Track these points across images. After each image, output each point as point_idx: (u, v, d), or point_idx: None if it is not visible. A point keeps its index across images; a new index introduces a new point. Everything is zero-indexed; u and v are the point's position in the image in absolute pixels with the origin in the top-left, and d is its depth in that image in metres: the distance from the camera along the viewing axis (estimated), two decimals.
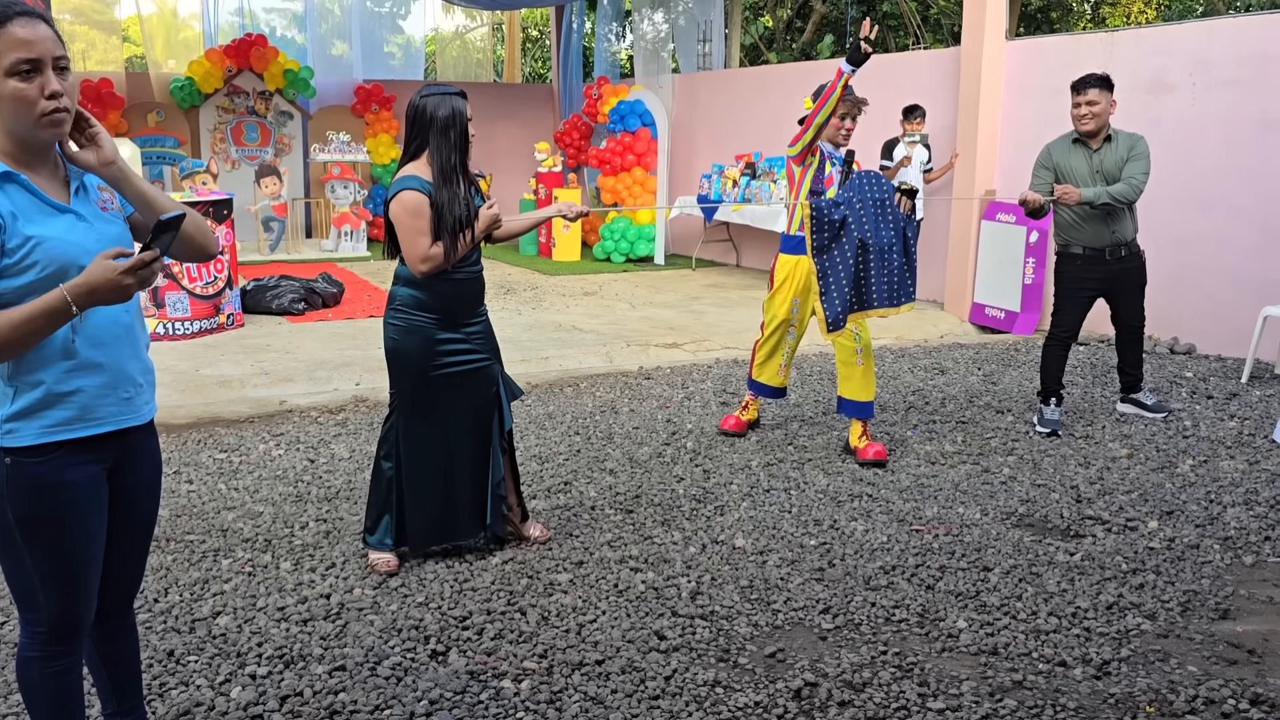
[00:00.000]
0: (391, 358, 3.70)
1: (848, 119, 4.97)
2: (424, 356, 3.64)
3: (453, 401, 3.71)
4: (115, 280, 1.90)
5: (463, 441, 3.77)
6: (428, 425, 3.71)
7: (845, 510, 4.38)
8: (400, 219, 3.54)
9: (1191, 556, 3.92)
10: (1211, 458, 5.11)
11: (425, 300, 3.62)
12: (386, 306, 3.71)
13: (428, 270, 3.55)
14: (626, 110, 12.31)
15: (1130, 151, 5.34)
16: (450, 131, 3.55)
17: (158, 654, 3.13)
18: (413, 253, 3.53)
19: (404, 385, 3.70)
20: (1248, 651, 3.21)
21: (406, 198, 3.53)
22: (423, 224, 3.52)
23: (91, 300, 1.92)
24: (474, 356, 3.73)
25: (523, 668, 3.08)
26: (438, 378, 3.66)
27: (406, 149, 3.64)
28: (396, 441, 3.73)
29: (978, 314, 8.67)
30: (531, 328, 8.06)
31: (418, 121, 3.58)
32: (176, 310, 7.35)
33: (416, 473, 3.74)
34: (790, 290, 5.14)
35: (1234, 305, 7.15)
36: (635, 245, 12.01)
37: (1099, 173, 5.37)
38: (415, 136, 3.60)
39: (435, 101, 3.56)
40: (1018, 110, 8.54)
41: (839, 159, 5.02)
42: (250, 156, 13.25)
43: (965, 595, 3.58)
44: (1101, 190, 5.25)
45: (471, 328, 3.73)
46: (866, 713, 2.85)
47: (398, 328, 3.65)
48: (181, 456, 5.08)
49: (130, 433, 2.21)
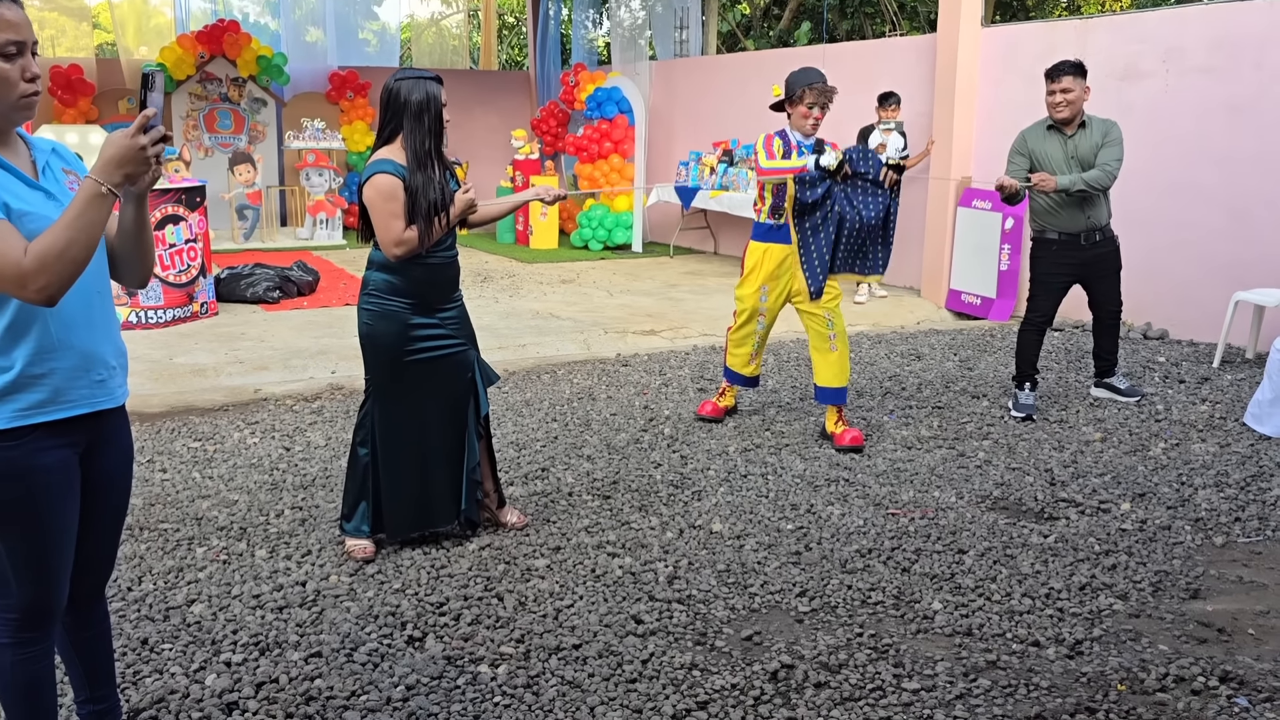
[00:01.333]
0: (366, 343, 3.68)
1: (816, 108, 4.96)
2: (398, 342, 3.62)
3: (428, 387, 3.70)
4: (129, 145, 1.93)
5: (438, 427, 3.75)
6: (403, 411, 3.70)
7: (822, 495, 4.40)
8: (374, 202, 3.51)
9: (1163, 538, 3.97)
10: (1183, 441, 5.16)
11: (399, 285, 3.60)
12: (360, 292, 3.69)
13: (401, 254, 3.53)
14: (604, 97, 12.27)
15: (1105, 138, 5.38)
16: (424, 116, 3.53)
17: (131, 642, 3.11)
18: (386, 236, 3.51)
19: (379, 371, 3.68)
20: (1218, 630, 3.25)
21: (380, 181, 3.50)
22: (396, 207, 3.49)
23: (120, 171, 1.94)
24: (449, 342, 3.71)
25: (500, 652, 3.08)
26: (412, 363, 3.65)
27: (380, 133, 3.62)
28: (372, 428, 3.72)
29: (954, 300, 8.72)
30: (509, 315, 8.04)
31: (391, 105, 3.55)
32: (149, 298, 7.27)
33: (392, 459, 3.72)
34: (759, 277, 5.14)
35: (1206, 290, 7.22)
36: (613, 233, 11.99)
37: (1074, 158, 5.40)
38: (389, 121, 3.57)
39: (409, 86, 3.53)
40: (993, 97, 8.58)
41: (808, 147, 5.02)
42: (224, 144, 13.12)
43: (940, 577, 3.61)
44: (1077, 177, 5.28)
45: (446, 313, 3.71)
46: (843, 694, 2.87)
47: (371, 313, 3.63)
48: (155, 445, 5.03)
49: (102, 416, 2.19)
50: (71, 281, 1.96)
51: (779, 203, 5.03)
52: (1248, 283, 6.83)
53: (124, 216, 2.17)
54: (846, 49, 10.86)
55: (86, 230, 1.94)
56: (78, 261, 1.95)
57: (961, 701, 2.83)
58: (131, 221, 2.17)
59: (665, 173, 12.42)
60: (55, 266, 1.92)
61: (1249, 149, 7.00)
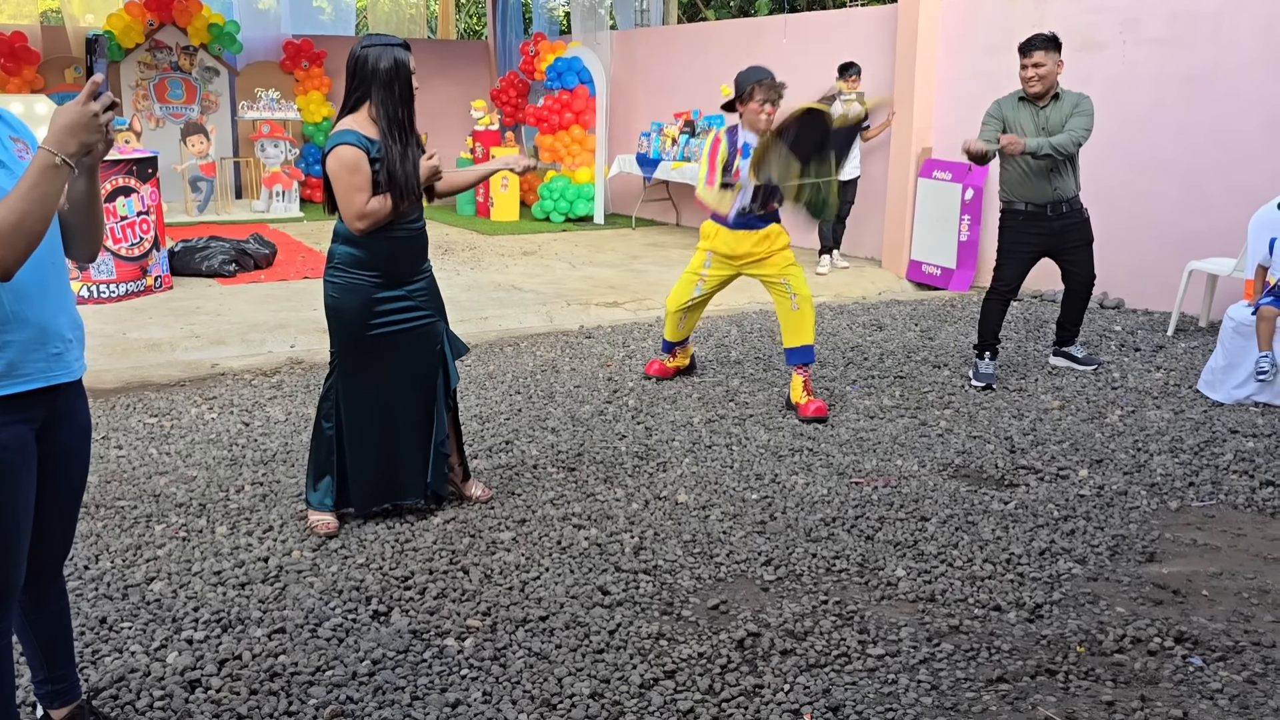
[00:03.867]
0: (331, 316, 3.62)
1: (768, 104, 5.00)
2: (363, 315, 3.57)
3: (395, 360, 3.65)
4: (82, 112, 1.88)
5: (405, 400, 3.71)
6: (369, 384, 3.65)
7: (786, 464, 4.42)
8: (337, 175, 3.44)
9: (1120, 503, 4.04)
10: (1139, 408, 5.25)
11: (364, 258, 3.54)
12: (326, 264, 3.63)
13: (365, 228, 3.47)
14: (564, 67, 12.15)
15: (1075, 108, 5.45)
16: (394, 84, 3.46)
17: (89, 621, 3.06)
18: (349, 210, 3.45)
19: (344, 344, 3.63)
20: (1172, 592, 3.32)
21: (344, 153, 3.43)
22: (360, 180, 3.43)
23: (75, 139, 1.89)
24: (417, 314, 3.67)
25: (466, 625, 3.07)
26: (378, 336, 3.60)
27: (346, 101, 3.54)
28: (337, 401, 3.67)
29: (915, 271, 8.78)
30: (470, 288, 7.97)
31: (358, 73, 3.47)
32: (101, 272, 7.12)
33: (358, 433, 3.68)
34: (707, 243, 5.31)
35: (1161, 261, 7.33)
36: (574, 205, 11.91)
37: (1044, 129, 5.46)
38: (356, 88, 3.49)
39: (377, 53, 3.45)
40: (954, 68, 8.60)
41: (747, 150, 5.02)
42: (175, 114, 12.83)
43: (903, 544, 3.65)
44: (1044, 140, 5.34)
45: (414, 285, 3.66)
46: (808, 660, 2.89)
47: (337, 285, 3.57)
48: (110, 421, 4.94)
49: (59, 391, 2.15)
50: (28, 254, 1.91)
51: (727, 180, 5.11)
52: (1201, 253, 6.94)
53: (75, 189, 2.11)
54: (808, 19, 10.83)
55: (42, 202, 1.89)
56: (33, 234, 1.89)
57: (925, 666, 2.87)
58: (83, 194, 2.11)
59: (627, 144, 12.35)
60: (10, 239, 1.86)
61: (1204, 120, 7.09)
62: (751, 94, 4.96)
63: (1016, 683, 2.80)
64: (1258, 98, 6.79)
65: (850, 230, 9.20)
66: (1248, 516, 3.96)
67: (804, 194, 4.77)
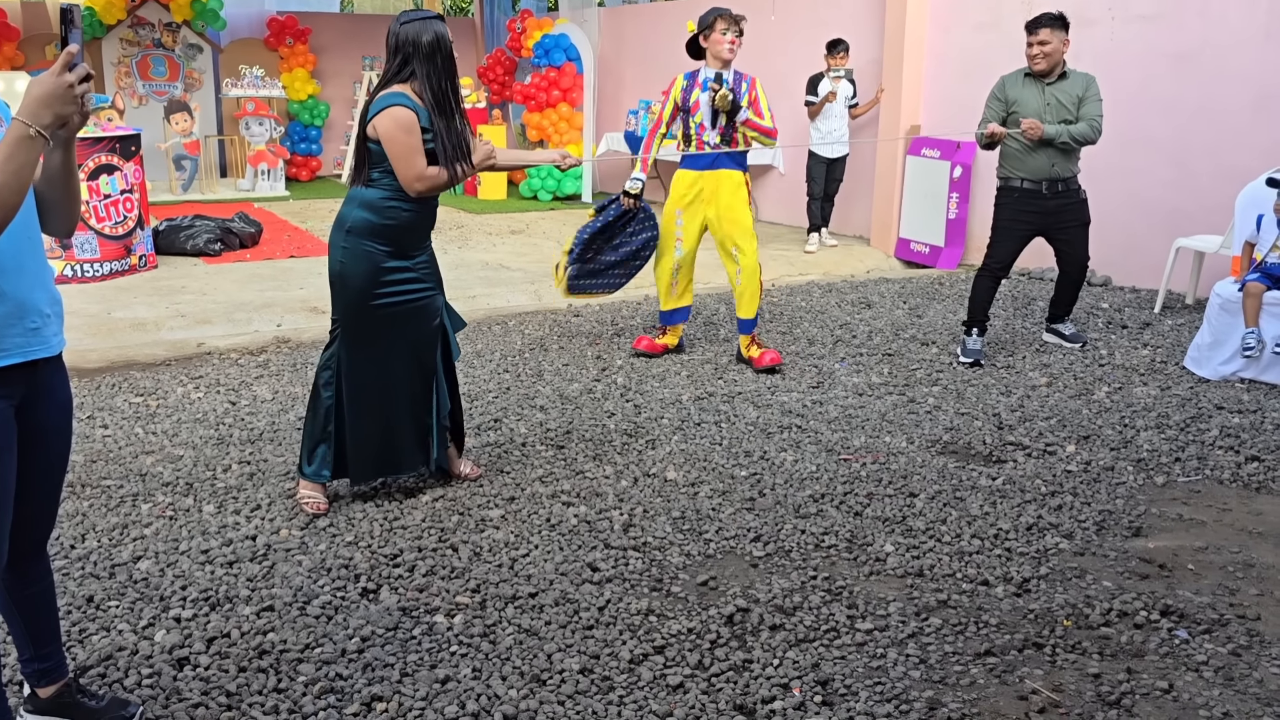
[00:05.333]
0: (336, 283, 3.59)
1: (730, 33, 5.19)
2: (369, 284, 3.55)
3: (397, 331, 3.63)
4: (56, 83, 1.86)
5: (406, 373, 3.70)
6: (371, 354, 3.63)
7: (775, 441, 4.42)
8: (393, 135, 3.41)
9: (1106, 478, 4.06)
10: (1126, 384, 5.27)
11: (379, 228, 3.52)
12: (335, 228, 3.58)
13: (423, 190, 3.48)
14: (551, 44, 12.06)
15: (1085, 91, 5.46)
16: (436, 56, 3.47)
17: (76, 600, 3.04)
18: (410, 170, 3.44)
19: (348, 312, 3.60)
20: (1159, 566, 3.34)
21: (399, 113, 3.41)
22: (416, 141, 3.43)
23: (49, 110, 1.86)
24: (420, 286, 3.66)
25: (456, 603, 3.07)
26: (383, 306, 3.58)
27: (386, 73, 3.53)
28: (338, 369, 3.64)
29: (903, 249, 8.77)
30: (458, 266, 7.94)
31: (401, 49, 3.47)
32: (85, 251, 7.06)
33: (359, 403, 3.65)
34: (674, 202, 5.43)
35: (1148, 237, 7.34)
36: (562, 183, 11.86)
37: (1049, 105, 5.46)
38: (400, 65, 3.48)
39: (418, 28, 3.45)
40: (943, 45, 8.57)
41: (707, 84, 5.27)
42: (158, 92, 12.70)
43: (892, 520, 3.66)
44: (1063, 129, 5.36)
45: (419, 258, 3.66)
46: (797, 635, 2.90)
47: (346, 250, 3.54)
48: (95, 401, 4.91)
49: (38, 366, 2.12)
50: (2, 228, 1.88)
51: (687, 132, 5.40)
52: (1189, 230, 6.95)
53: (51, 161, 2.08)
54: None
55: (16, 174, 1.86)
56: (8, 206, 1.86)
57: (913, 640, 2.88)
58: (59, 167, 2.08)
59: (615, 121, 12.29)
60: None
61: (1192, 98, 7.09)
62: (714, 24, 5.19)
63: (1004, 656, 2.81)
64: (1246, 75, 6.79)
65: (839, 208, 9.19)
66: (1233, 491, 3.98)
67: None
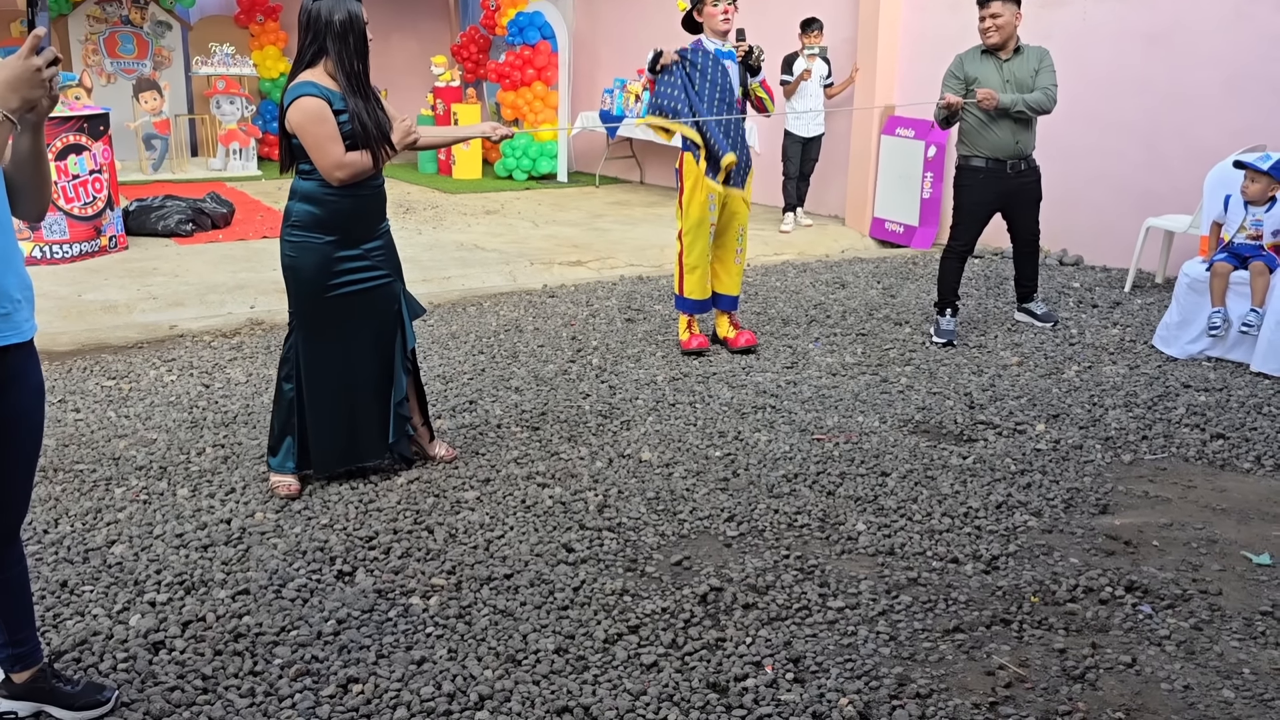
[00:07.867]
0: (288, 276, 3.58)
1: (722, 2, 5.13)
2: (321, 275, 3.53)
3: (353, 321, 3.63)
4: (24, 66, 1.86)
5: (365, 361, 3.69)
6: (328, 345, 3.63)
7: (749, 422, 4.45)
8: (304, 127, 3.38)
9: (1075, 456, 4.12)
10: (1095, 363, 5.33)
11: (322, 217, 3.50)
12: (282, 223, 3.58)
13: (345, 178, 3.42)
14: (525, 22, 11.97)
15: (1040, 64, 5.50)
16: (349, 36, 3.41)
17: (50, 585, 3.04)
18: (327, 160, 3.39)
19: (302, 304, 3.59)
20: (1124, 543, 3.41)
21: (307, 104, 3.37)
22: (330, 129, 3.38)
23: (16, 94, 1.86)
24: (374, 274, 3.64)
25: (431, 584, 3.08)
26: (336, 297, 3.57)
27: (300, 56, 3.48)
28: (297, 362, 3.64)
29: (877, 229, 8.81)
30: (432, 247, 7.91)
31: (312, 26, 3.41)
32: (54, 232, 6.98)
33: (318, 394, 3.66)
34: (706, 187, 5.23)
35: (1119, 217, 7.41)
36: (537, 163, 11.81)
37: (1009, 82, 5.49)
38: (311, 43, 3.43)
39: (330, 6, 3.40)
40: (917, 24, 8.58)
41: (725, 54, 5.24)
42: (127, 70, 12.50)
43: (864, 500, 3.70)
44: (1019, 98, 5.39)
45: (371, 244, 3.63)
46: (770, 614, 2.94)
47: (294, 244, 3.53)
48: (66, 385, 4.87)
49: (9, 352, 2.11)
50: None
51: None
52: (1159, 210, 7.02)
53: (19, 145, 2.06)
54: None
55: None
56: None
57: (884, 618, 2.93)
58: (27, 150, 2.06)
59: (590, 100, 12.23)
60: None
61: (1163, 78, 7.14)
62: None
63: (972, 632, 2.86)
64: (1217, 56, 6.84)
65: (814, 188, 9.21)
66: (1198, 469, 4.05)
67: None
